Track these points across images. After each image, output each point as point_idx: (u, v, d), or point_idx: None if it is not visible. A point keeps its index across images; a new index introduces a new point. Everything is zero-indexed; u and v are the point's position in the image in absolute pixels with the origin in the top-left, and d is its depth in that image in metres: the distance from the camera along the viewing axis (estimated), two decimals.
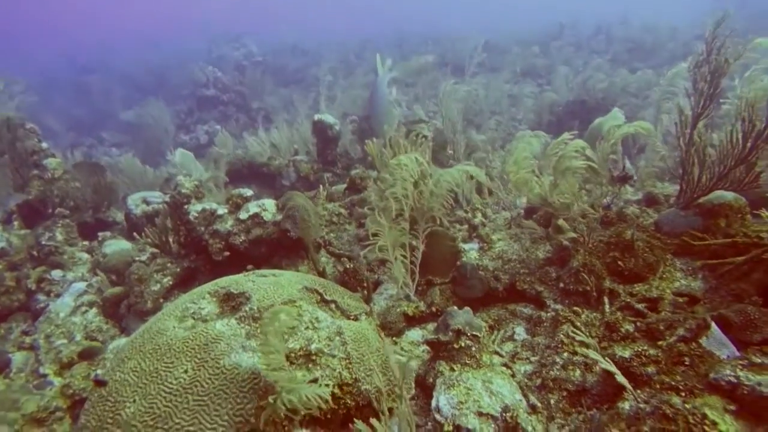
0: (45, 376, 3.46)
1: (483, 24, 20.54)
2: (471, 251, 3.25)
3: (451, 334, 2.35)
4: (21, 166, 5.34)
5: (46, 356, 3.68)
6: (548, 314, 2.75)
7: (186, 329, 2.37)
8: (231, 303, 2.52)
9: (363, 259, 3.95)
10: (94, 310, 4.12)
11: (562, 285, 2.80)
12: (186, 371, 2.09)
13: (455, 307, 2.46)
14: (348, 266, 3.74)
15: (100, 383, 2.26)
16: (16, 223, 5.28)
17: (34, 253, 5.02)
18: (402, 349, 2.85)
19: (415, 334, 2.97)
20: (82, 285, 4.44)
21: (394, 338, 2.94)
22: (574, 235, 3.06)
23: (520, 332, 2.78)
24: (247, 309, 2.39)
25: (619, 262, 2.68)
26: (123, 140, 15.35)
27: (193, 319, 2.47)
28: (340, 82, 13.45)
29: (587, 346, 2.06)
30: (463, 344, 2.33)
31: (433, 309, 3.05)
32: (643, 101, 8.36)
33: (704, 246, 2.63)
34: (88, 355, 3.46)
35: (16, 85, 5.71)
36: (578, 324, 2.43)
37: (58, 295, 4.59)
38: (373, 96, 5.84)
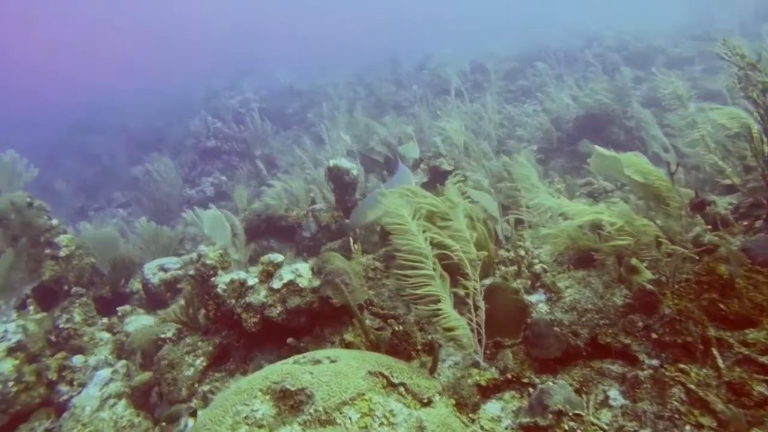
0: None
1: (465, 43, 20.75)
2: (539, 304, 2.93)
3: (550, 416, 2.03)
4: (33, 247, 5.09)
5: None
6: (645, 372, 2.41)
7: None
8: (289, 402, 2.20)
9: (410, 317, 3.64)
10: (123, 401, 3.79)
11: (654, 336, 2.47)
12: None
13: (550, 383, 2.14)
14: (397, 329, 3.43)
15: None
16: (31, 307, 4.99)
17: (52, 338, 4.72)
18: (482, 428, 2.50)
19: (493, 407, 2.62)
20: (106, 372, 4.13)
21: (470, 414, 2.60)
22: (651, 275, 2.76)
23: (615, 396, 2.44)
24: (311, 411, 2.07)
25: (720, 305, 2.37)
26: (131, 199, 15.20)
27: (247, 425, 2.14)
28: (339, 119, 13.37)
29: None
30: (566, 427, 2.01)
31: (508, 375, 2.71)
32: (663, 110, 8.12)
33: None
34: None
35: (18, 161, 5.51)
36: (692, 386, 2.10)
37: (81, 384, 4.27)
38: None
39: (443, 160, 6.10)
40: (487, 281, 3.23)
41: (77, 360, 4.50)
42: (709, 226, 3.19)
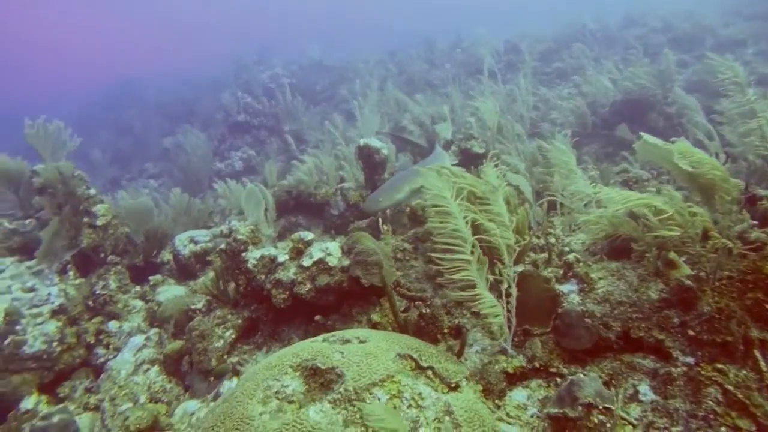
0: None
1: (501, 25, 20.09)
2: (571, 294, 2.88)
3: (580, 408, 2.00)
4: (74, 215, 5.26)
5: (112, 422, 3.49)
6: (679, 369, 2.35)
7: (273, 415, 2.09)
8: (319, 380, 2.23)
9: (438, 300, 3.64)
10: (156, 368, 3.93)
11: (691, 333, 2.41)
12: None
13: (581, 375, 2.11)
14: (424, 311, 3.43)
15: None
16: (71, 273, 5.18)
17: (90, 303, 4.91)
18: (508, 415, 2.50)
19: (519, 395, 2.61)
20: (140, 339, 4.28)
21: (496, 401, 2.60)
22: (689, 271, 2.67)
23: (645, 391, 2.39)
24: (341, 390, 2.09)
25: (766, 306, 2.28)
26: (163, 170, 15.51)
27: (278, 399, 2.19)
28: (371, 96, 13.20)
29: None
30: (596, 420, 1.98)
31: (536, 364, 2.69)
32: (708, 97, 7.73)
33: None
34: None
35: (63, 131, 5.64)
36: (730, 387, 2.04)
37: (116, 349, 4.45)
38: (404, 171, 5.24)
39: (475, 143, 5.99)
40: (519, 268, 3.18)
41: (113, 325, 4.68)
42: (756, 222, 3.06)
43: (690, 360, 2.37)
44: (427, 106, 10.62)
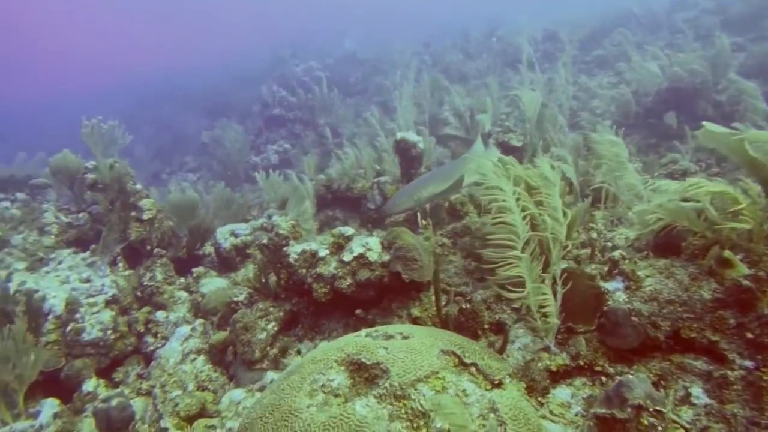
0: (166, 430, 3.41)
1: (538, 12, 19.49)
2: (617, 292, 2.82)
3: (629, 410, 1.96)
4: (123, 210, 5.49)
5: (164, 407, 3.65)
6: (736, 373, 2.27)
7: (320, 408, 2.14)
8: (364, 374, 2.27)
9: (478, 295, 3.63)
10: (202, 357, 4.08)
11: (749, 335, 2.32)
12: None
13: (630, 376, 2.08)
14: (464, 306, 3.42)
15: None
16: (120, 264, 5.43)
17: (138, 293, 5.13)
18: (551, 413, 2.48)
19: (563, 393, 2.59)
20: (186, 329, 4.44)
21: (539, 398, 2.59)
22: (747, 270, 2.56)
23: (698, 394, 2.33)
24: (387, 386, 2.13)
25: None
26: (201, 163, 15.92)
27: (324, 393, 2.24)
28: (406, 88, 13.13)
29: None
30: (646, 423, 1.94)
31: (580, 362, 2.65)
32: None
33: None
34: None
35: (116, 128, 5.88)
36: None
37: (164, 338, 4.64)
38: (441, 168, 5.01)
39: (512, 136, 5.90)
40: (563, 264, 3.13)
41: (160, 315, 4.88)
42: None
43: (749, 364, 2.29)
44: (465, 96, 10.49)
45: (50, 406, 3.65)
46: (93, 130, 5.44)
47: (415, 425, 2.01)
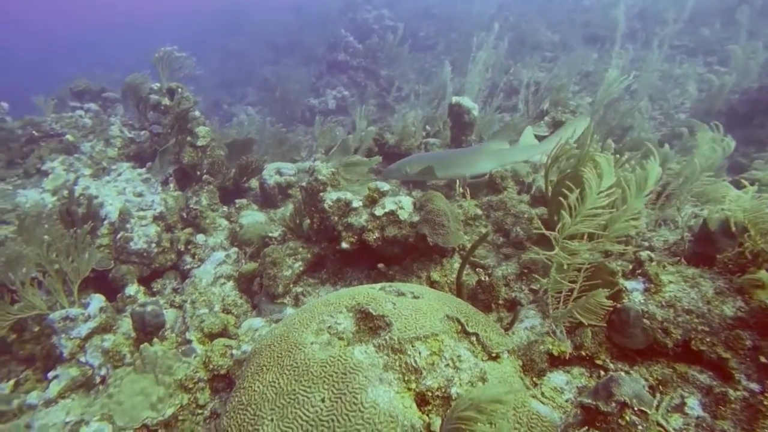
0: (189, 342, 3.73)
1: None
2: (634, 292, 2.78)
3: (614, 405, 2.00)
4: (180, 133, 5.77)
5: (191, 321, 3.97)
6: (738, 393, 2.24)
7: (322, 347, 2.30)
8: (369, 323, 2.40)
9: (499, 271, 3.66)
10: (231, 283, 4.36)
11: (764, 360, 2.26)
12: (323, 400, 2.02)
13: (622, 373, 2.10)
14: (483, 279, 3.47)
15: None
16: (171, 185, 5.77)
17: (184, 214, 5.46)
18: (543, 394, 2.55)
19: (558, 378, 2.64)
20: (221, 255, 4.73)
21: (534, 379, 2.65)
22: None
23: (694, 405, 2.32)
24: (387, 337, 2.25)
25: None
26: (261, 98, 16.21)
27: (330, 334, 2.40)
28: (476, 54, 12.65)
29: None
30: (628, 419, 1.97)
31: (582, 353, 2.68)
32: None
33: None
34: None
35: (187, 59, 6.10)
36: None
37: (201, 259, 4.96)
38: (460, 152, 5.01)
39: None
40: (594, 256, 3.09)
41: (200, 238, 5.20)
42: None
43: (755, 387, 2.24)
44: (533, 68, 10.05)
45: (98, 300, 4.05)
46: (163, 56, 5.67)
47: (406, 378, 2.13)
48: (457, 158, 4.52)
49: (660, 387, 2.48)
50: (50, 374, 3.53)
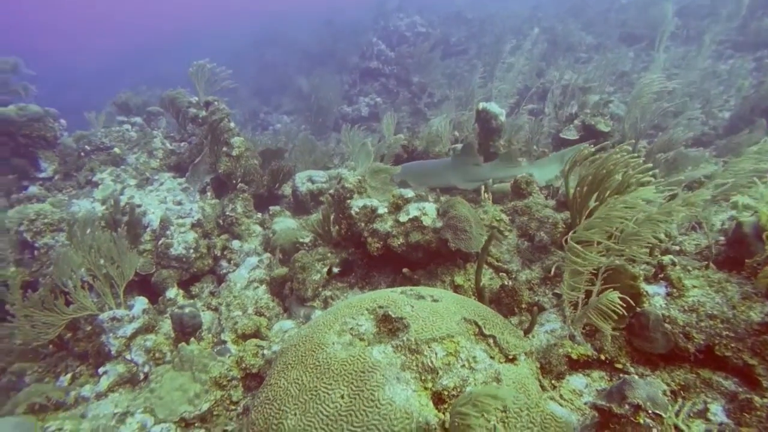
0: (224, 342, 3.93)
1: None
2: (656, 297, 2.77)
3: (627, 407, 2.02)
4: (215, 144, 6.06)
5: (226, 323, 4.19)
6: (765, 400, 2.21)
7: (344, 347, 2.42)
8: (388, 325, 2.51)
9: (522, 276, 3.69)
10: (263, 287, 4.55)
11: None
12: (342, 397, 2.14)
13: (635, 376, 2.12)
14: (506, 283, 3.52)
15: None
16: (209, 193, 6.07)
17: (220, 221, 5.72)
18: (561, 396, 2.58)
19: (577, 381, 2.66)
20: (255, 260, 4.94)
21: (553, 381, 2.68)
22: None
23: (717, 411, 2.30)
24: (404, 338, 2.35)
25: None
26: (296, 107, 16.62)
27: (351, 335, 2.52)
28: (507, 58, 12.60)
29: None
30: (641, 422, 2.00)
31: (602, 357, 2.69)
32: None
33: None
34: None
35: (223, 72, 6.40)
36: None
37: (236, 264, 5.20)
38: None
39: (601, 120, 5.61)
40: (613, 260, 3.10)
41: (236, 244, 5.44)
42: None
43: None
44: (566, 70, 9.95)
45: (141, 302, 4.32)
46: (197, 70, 5.98)
47: (423, 378, 2.22)
48: (429, 170, 5.06)
49: (682, 392, 2.47)
50: (100, 370, 3.81)
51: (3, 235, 5.18)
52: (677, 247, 3.59)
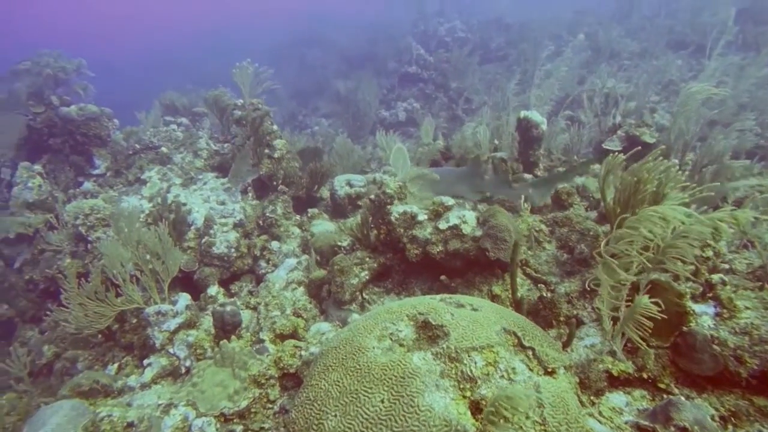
0: (263, 341, 4.04)
1: None
2: (704, 316, 2.69)
3: (673, 429, 1.99)
4: (257, 146, 6.23)
5: (264, 322, 4.30)
6: None
7: (384, 352, 2.46)
8: (428, 332, 2.53)
9: (562, 288, 3.65)
10: (302, 289, 4.65)
11: None
12: (383, 401, 2.18)
13: (682, 398, 2.07)
14: (545, 295, 3.49)
15: None
16: (250, 194, 6.24)
17: (260, 222, 5.88)
18: (601, 413, 2.54)
19: (618, 399, 2.62)
20: (293, 261, 5.05)
21: (592, 397, 2.65)
22: None
23: None
24: (444, 346, 2.37)
25: None
26: (334, 110, 16.83)
27: (391, 340, 2.56)
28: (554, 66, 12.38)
29: None
30: None
31: (644, 375, 2.63)
32: None
33: None
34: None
35: (265, 74, 6.56)
36: None
37: (274, 265, 5.32)
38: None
39: (646, 131, 5.47)
40: (653, 275, 3.03)
41: (275, 245, 5.58)
42: None
43: None
44: (608, 78, 9.71)
45: (184, 298, 4.50)
46: (241, 71, 6.17)
47: (461, 386, 2.24)
48: (444, 177, 4.94)
49: (733, 419, 2.39)
50: (145, 361, 3.98)
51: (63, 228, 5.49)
52: (727, 266, 3.47)
